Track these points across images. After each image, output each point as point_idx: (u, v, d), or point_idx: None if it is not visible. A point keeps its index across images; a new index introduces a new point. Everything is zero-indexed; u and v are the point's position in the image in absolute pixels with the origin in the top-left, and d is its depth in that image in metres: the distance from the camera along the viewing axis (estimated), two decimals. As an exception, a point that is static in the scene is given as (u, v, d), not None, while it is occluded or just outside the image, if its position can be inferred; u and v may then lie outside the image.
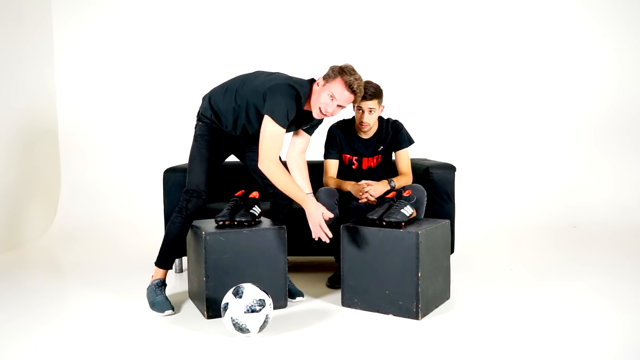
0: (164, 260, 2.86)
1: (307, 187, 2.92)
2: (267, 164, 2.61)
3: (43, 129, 4.97)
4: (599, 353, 2.25)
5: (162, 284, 2.85)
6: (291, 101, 2.61)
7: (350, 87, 2.63)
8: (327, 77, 2.67)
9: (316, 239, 2.72)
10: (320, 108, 2.67)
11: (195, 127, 2.89)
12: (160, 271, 2.87)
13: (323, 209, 2.67)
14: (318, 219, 2.65)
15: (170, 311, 2.73)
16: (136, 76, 5.19)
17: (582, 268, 3.58)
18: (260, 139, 2.64)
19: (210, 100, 2.85)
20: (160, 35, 5.18)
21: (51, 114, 5.09)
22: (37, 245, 4.50)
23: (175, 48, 5.18)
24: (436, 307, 2.80)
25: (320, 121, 2.94)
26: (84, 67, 5.16)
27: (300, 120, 2.81)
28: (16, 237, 4.46)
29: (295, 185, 2.69)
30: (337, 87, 2.63)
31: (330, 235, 2.68)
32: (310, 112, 2.76)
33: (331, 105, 2.66)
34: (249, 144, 2.94)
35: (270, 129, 2.59)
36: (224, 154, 2.95)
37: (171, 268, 2.92)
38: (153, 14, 5.18)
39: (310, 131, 2.95)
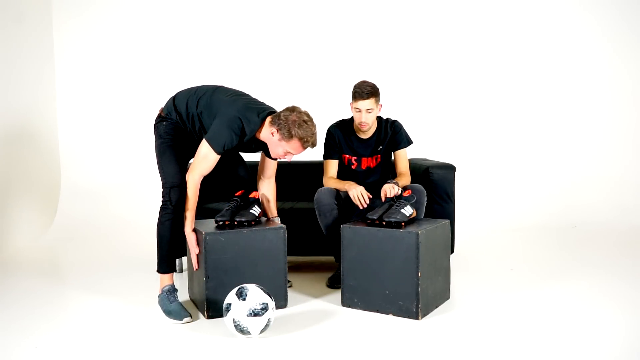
0: (165, 265, 2.80)
1: (273, 210, 3.11)
2: (190, 178, 2.75)
3: (43, 130, 4.97)
4: (599, 353, 2.25)
5: (173, 289, 2.78)
6: (232, 134, 2.71)
7: (306, 145, 2.74)
8: (282, 133, 2.70)
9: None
10: (278, 155, 2.82)
11: (158, 127, 2.91)
12: (166, 277, 2.80)
13: (195, 248, 2.75)
14: (190, 247, 2.75)
15: (188, 318, 2.65)
16: (136, 76, 5.19)
17: (582, 268, 3.58)
18: (195, 155, 2.78)
19: (175, 102, 2.91)
20: (160, 36, 5.18)
21: (51, 114, 5.09)
22: (37, 245, 4.50)
23: (175, 48, 5.19)
24: (436, 307, 2.80)
25: None
26: (84, 68, 5.17)
27: (258, 147, 2.93)
28: (16, 237, 4.46)
29: (192, 212, 2.76)
30: (294, 147, 2.74)
31: (196, 268, 2.77)
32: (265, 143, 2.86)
33: (289, 156, 2.81)
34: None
35: (204, 152, 2.73)
36: (189, 151, 2.94)
37: (175, 270, 2.86)
38: (153, 14, 5.18)
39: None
